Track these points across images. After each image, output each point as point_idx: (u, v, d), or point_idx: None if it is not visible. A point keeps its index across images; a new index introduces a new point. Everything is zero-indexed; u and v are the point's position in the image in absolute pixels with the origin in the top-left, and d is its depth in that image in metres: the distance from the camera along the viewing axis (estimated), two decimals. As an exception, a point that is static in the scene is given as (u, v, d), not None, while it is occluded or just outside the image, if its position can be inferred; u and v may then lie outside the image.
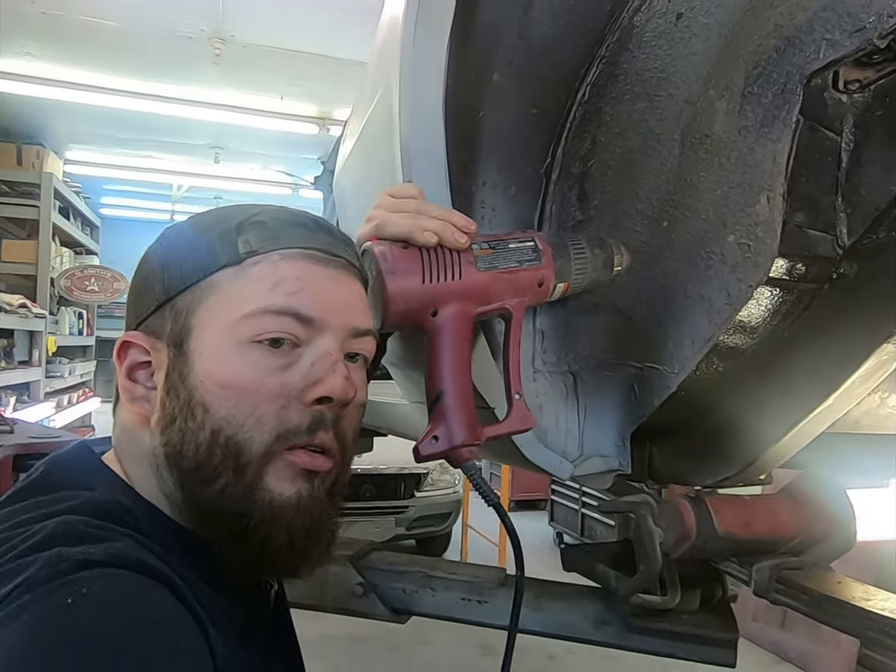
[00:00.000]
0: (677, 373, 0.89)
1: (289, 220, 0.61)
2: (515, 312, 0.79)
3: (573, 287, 0.84)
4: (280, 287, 0.57)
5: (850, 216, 0.78)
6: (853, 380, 0.81)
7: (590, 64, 0.88)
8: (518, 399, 0.78)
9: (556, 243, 0.83)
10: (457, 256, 0.74)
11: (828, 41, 0.69)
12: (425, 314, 0.74)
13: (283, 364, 0.57)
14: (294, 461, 0.56)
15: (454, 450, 0.71)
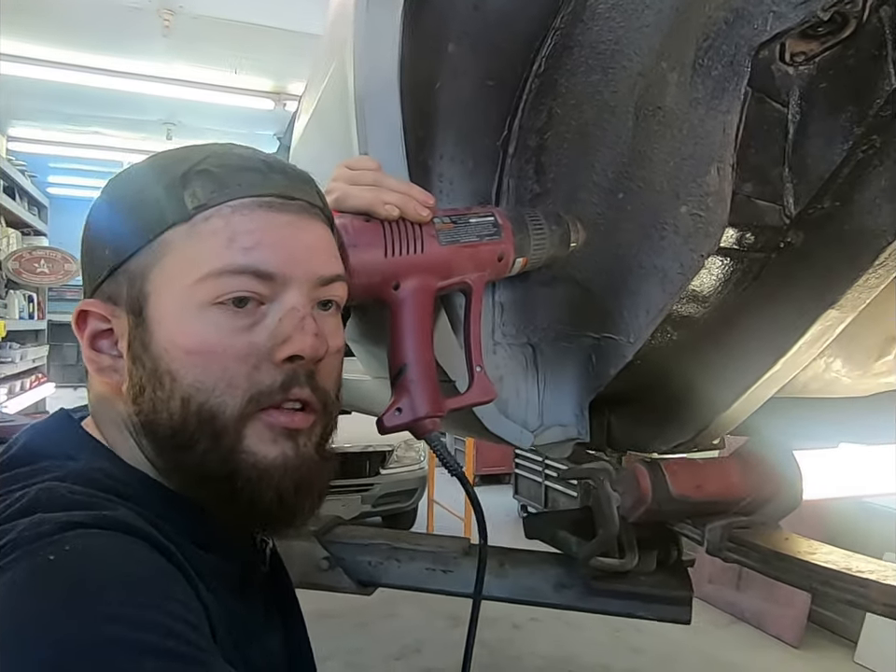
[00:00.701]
0: (632, 343, 0.91)
1: (238, 165, 0.57)
2: (475, 286, 0.80)
3: (532, 263, 0.85)
4: (235, 244, 0.54)
5: (797, 186, 0.80)
6: (800, 345, 0.84)
7: (545, 36, 0.88)
8: (479, 372, 0.79)
9: (515, 218, 0.84)
10: (419, 229, 0.74)
11: (774, 13, 0.70)
12: (387, 287, 0.74)
13: (248, 324, 0.55)
14: (272, 422, 0.55)
15: (417, 421, 0.72)
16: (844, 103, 0.74)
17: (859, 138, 0.73)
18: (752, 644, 3.79)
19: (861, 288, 0.77)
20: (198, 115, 6.74)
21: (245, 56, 5.36)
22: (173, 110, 6.65)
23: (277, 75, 5.78)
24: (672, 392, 1.02)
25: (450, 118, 0.88)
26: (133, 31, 4.94)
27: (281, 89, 6.03)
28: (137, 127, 7.21)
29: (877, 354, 0.99)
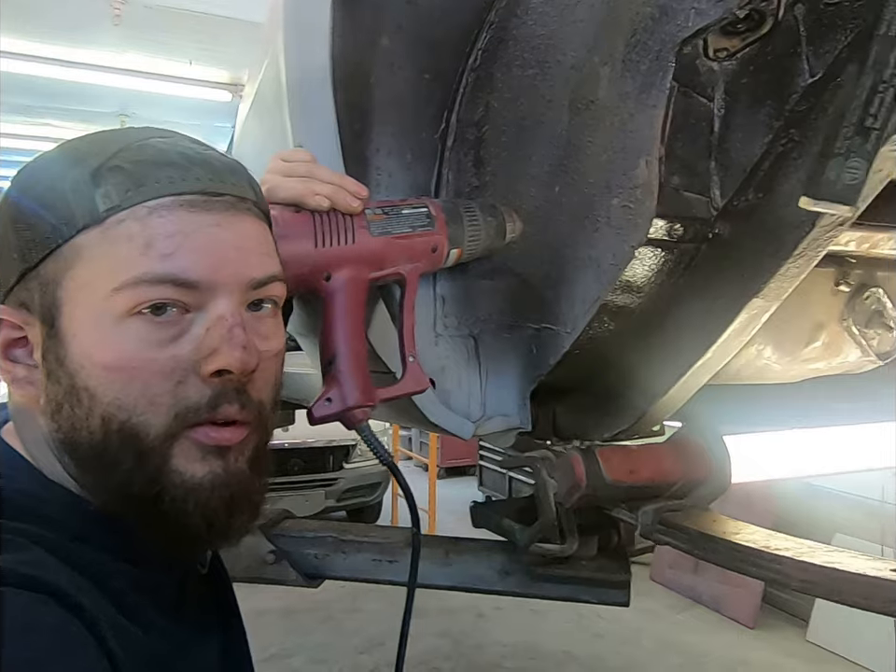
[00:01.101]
0: (570, 333, 0.93)
1: (155, 160, 0.51)
2: (409, 277, 0.81)
3: (467, 254, 0.86)
4: (152, 249, 0.49)
5: (723, 178, 0.83)
6: (729, 333, 0.87)
7: (480, 30, 0.89)
8: (412, 362, 0.80)
9: (449, 209, 0.84)
10: (350, 221, 0.75)
11: (696, 10, 0.72)
12: (318, 278, 0.74)
13: (172, 335, 0.50)
14: (200, 439, 0.51)
15: (347, 411, 0.72)
16: (764, 97, 0.76)
17: (778, 132, 0.75)
18: (710, 626, 3.90)
19: (783, 278, 0.79)
20: (153, 106, 6.61)
21: (200, 47, 5.28)
22: (127, 101, 6.51)
23: (234, 66, 5.69)
24: (611, 380, 1.05)
25: (386, 111, 0.88)
26: (83, 19, 4.81)
27: (238, 80, 5.95)
28: (91, 119, 7.04)
29: (806, 341, 1.02)
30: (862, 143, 0.40)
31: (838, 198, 0.41)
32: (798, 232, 0.75)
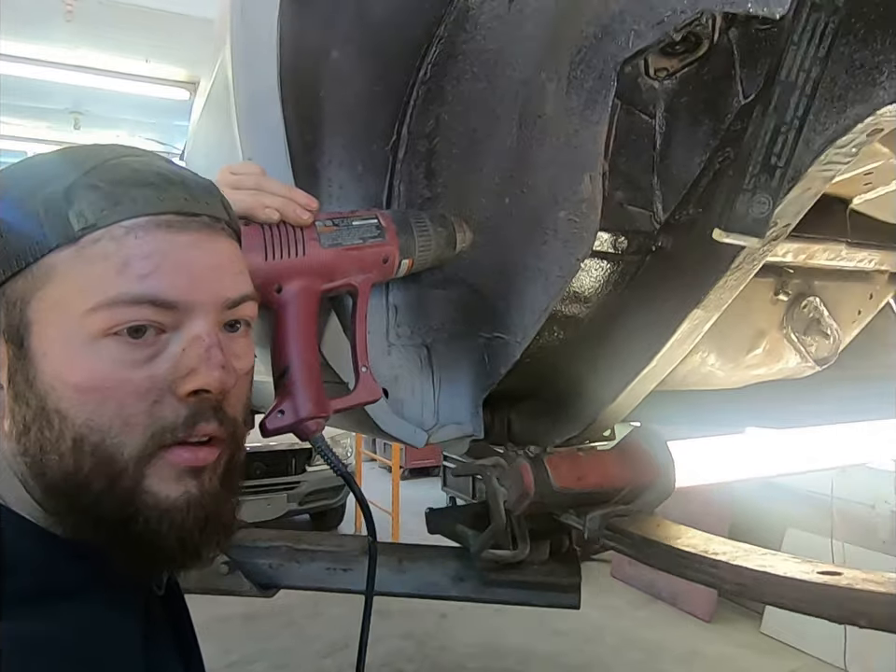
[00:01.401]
0: (520, 342, 0.94)
1: (131, 179, 0.51)
2: (361, 288, 0.81)
3: (418, 264, 0.87)
4: (129, 270, 0.48)
5: (664, 193, 0.85)
6: (672, 342, 0.89)
7: (430, 44, 0.90)
8: (365, 372, 0.81)
9: (400, 220, 0.85)
10: (300, 233, 0.75)
11: (635, 31, 0.74)
12: (269, 290, 0.74)
13: (148, 355, 0.50)
14: (175, 460, 0.51)
15: (300, 423, 0.73)
16: (702, 116, 0.79)
17: (715, 149, 0.78)
18: (668, 621, 3.98)
19: (723, 289, 0.82)
20: (108, 104, 6.46)
21: (156, 44, 5.17)
22: (79, 98, 6.35)
23: (191, 64, 5.59)
24: (562, 388, 1.07)
25: (337, 123, 0.89)
26: (35, 15, 4.68)
27: (196, 78, 5.84)
28: (42, 116, 6.85)
29: (748, 348, 1.06)
30: (768, 180, 0.42)
31: (748, 230, 0.43)
32: (735, 247, 0.78)
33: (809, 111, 0.42)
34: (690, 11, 0.67)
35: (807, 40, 0.40)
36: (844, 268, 1.06)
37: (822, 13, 0.41)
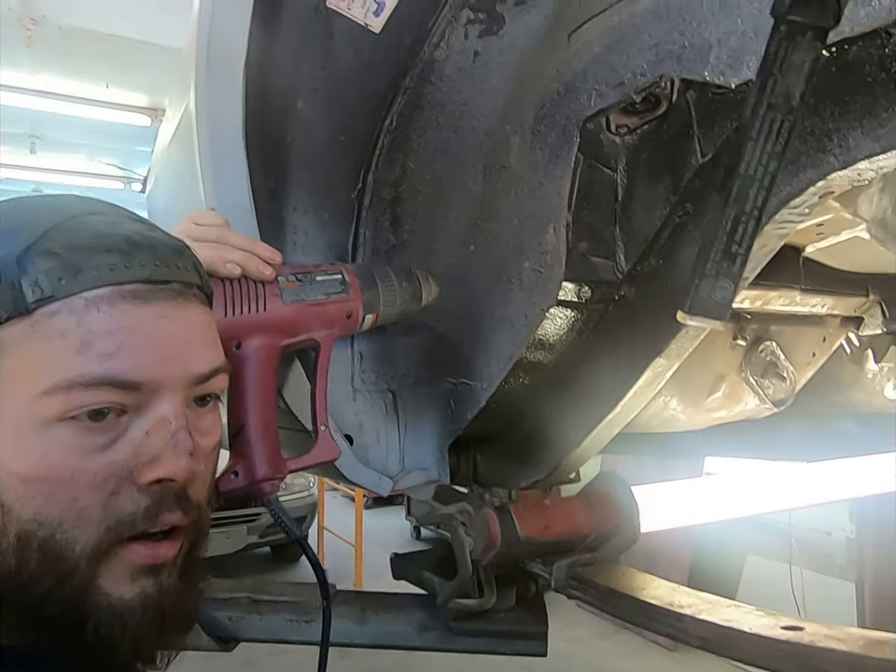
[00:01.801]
0: (485, 389, 0.95)
1: (93, 244, 0.46)
2: (324, 344, 0.80)
3: (382, 318, 0.87)
4: (91, 348, 0.44)
5: (627, 244, 0.87)
6: (635, 390, 0.90)
7: (395, 95, 0.91)
8: (324, 431, 0.79)
9: (364, 275, 0.85)
10: (262, 288, 0.74)
11: (596, 91, 0.76)
12: (227, 346, 0.72)
13: (106, 440, 0.45)
14: (132, 558, 0.46)
15: (254, 485, 0.71)
16: (662, 172, 0.81)
17: (675, 205, 0.80)
18: (634, 651, 3.97)
19: (683, 339, 0.84)
20: (66, 128, 6.35)
21: (117, 70, 5.12)
22: (37, 122, 6.24)
23: (153, 90, 5.55)
24: (527, 432, 1.07)
25: (302, 171, 0.89)
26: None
27: (158, 104, 5.80)
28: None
29: (708, 392, 1.08)
30: (730, 266, 0.43)
31: (710, 314, 0.44)
32: (695, 299, 0.80)
33: (767, 202, 0.43)
34: (650, 75, 0.69)
35: (765, 137, 0.42)
36: (798, 313, 1.09)
37: (778, 112, 0.42)
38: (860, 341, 1.22)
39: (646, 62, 0.69)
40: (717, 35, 0.62)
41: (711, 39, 0.62)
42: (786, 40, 0.42)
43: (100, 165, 7.42)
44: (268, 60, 0.78)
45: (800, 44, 0.41)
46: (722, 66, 0.61)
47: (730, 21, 0.61)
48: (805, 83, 0.42)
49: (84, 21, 4.42)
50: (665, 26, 0.67)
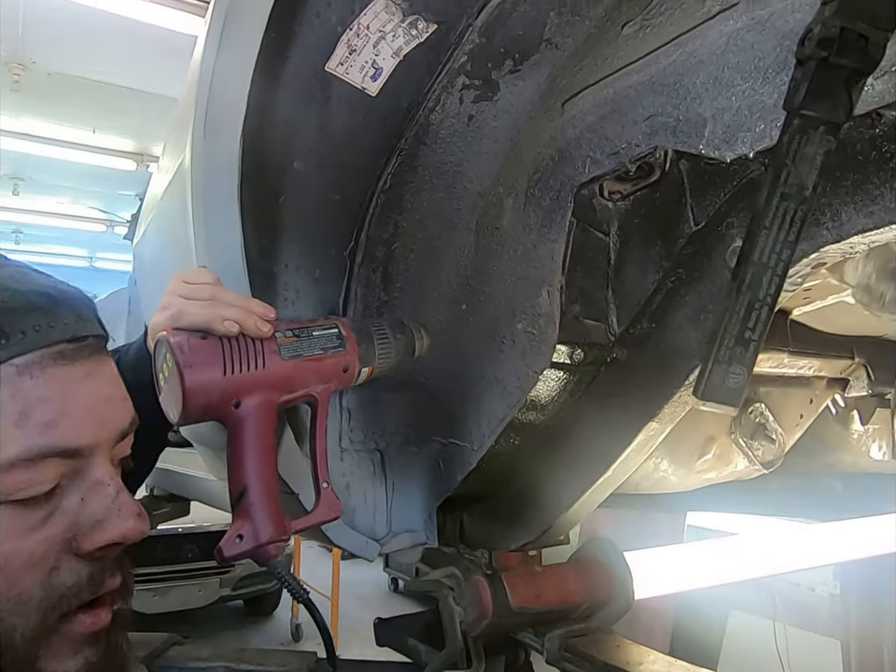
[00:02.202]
0: (476, 451, 0.93)
1: (19, 303, 0.44)
2: (321, 398, 0.79)
3: (377, 371, 0.86)
4: (29, 419, 0.41)
5: (619, 307, 0.87)
6: (627, 453, 0.89)
7: (390, 156, 0.91)
8: (326, 488, 0.77)
9: (360, 329, 0.84)
10: (260, 345, 0.73)
11: (591, 158, 0.77)
12: (226, 406, 0.71)
13: (42, 515, 0.42)
14: (74, 631, 0.44)
15: (259, 548, 0.69)
16: (654, 238, 0.82)
17: (667, 270, 0.81)
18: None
19: (676, 404, 0.83)
20: (51, 171, 6.36)
21: (104, 116, 5.17)
22: (21, 164, 6.24)
23: (140, 136, 5.60)
24: (517, 493, 1.05)
25: (295, 228, 0.88)
26: (-21, 82, 4.63)
27: (144, 150, 5.84)
28: (-21, 180, 6.69)
29: (698, 454, 1.07)
30: (742, 352, 0.43)
31: (723, 400, 0.44)
32: (688, 364, 0.80)
33: (781, 289, 0.44)
34: (644, 146, 0.70)
35: (778, 226, 0.42)
36: (786, 374, 1.10)
37: (791, 202, 0.43)
38: (845, 402, 1.23)
39: (641, 133, 0.70)
40: (711, 111, 0.63)
41: (706, 114, 0.64)
42: (799, 133, 0.43)
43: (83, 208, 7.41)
44: (266, 120, 0.78)
45: (813, 137, 0.42)
46: (717, 141, 0.62)
47: (724, 97, 0.63)
48: (817, 174, 0.43)
49: (74, 67, 4.47)
50: (659, 99, 0.68)
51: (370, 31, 0.78)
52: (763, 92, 0.59)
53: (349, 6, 0.74)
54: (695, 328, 0.79)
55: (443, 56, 0.83)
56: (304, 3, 0.71)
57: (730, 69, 0.62)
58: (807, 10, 0.57)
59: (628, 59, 0.72)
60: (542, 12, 0.78)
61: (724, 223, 0.75)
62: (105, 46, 4.16)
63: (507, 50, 0.83)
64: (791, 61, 0.58)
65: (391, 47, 0.80)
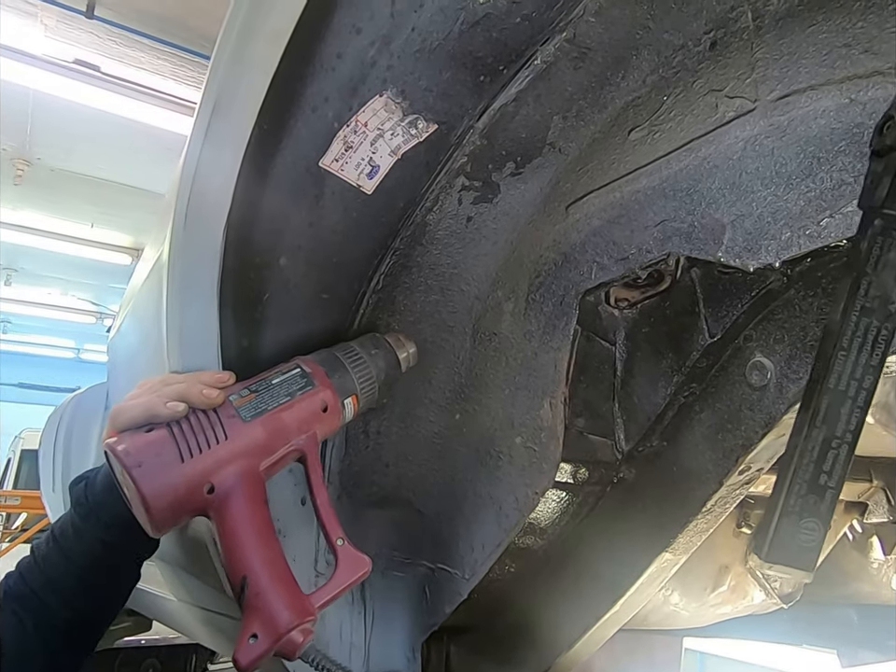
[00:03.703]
0: (468, 579, 0.83)
1: None
2: (308, 450, 0.69)
3: (365, 398, 0.76)
4: None
5: (627, 422, 0.80)
6: (637, 586, 0.80)
7: (383, 255, 0.86)
8: (342, 546, 0.66)
9: (326, 359, 0.75)
10: (215, 415, 0.64)
11: (598, 264, 0.72)
12: (198, 495, 0.61)
13: None
14: None
15: (281, 640, 0.58)
16: (665, 349, 0.76)
17: (680, 384, 0.74)
18: None
19: (692, 532, 0.75)
20: (44, 262, 6.40)
21: (103, 211, 5.25)
22: (15, 255, 6.28)
23: (137, 231, 5.68)
24: (512, 626, 0.94)
25: (279, 329, 0.82)
26: (-20, 176, 4.71)
27: (140, 245, 5.90)
28: (-28, 269, 6.70)
29: (712, 585, 0.97)
30: (817, 502, 0.36)
31: (793, 561, 0.36)
32: (706, 489, 0.72)
33: (863, 423, 0.37)
34: (657, 252, 0.66)
35: (858, 347, 0.37)
36: (802, 497, 1.02)
37: (874, 318, 0.37)
38: (864, 528, 1.14)
39: (652, 238, 0.66)
40: (730, 217, 0.59)
41: (724, 220, 0.60)
42: (882, 236, 0.37)
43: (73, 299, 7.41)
44: (253, 214, 0.74)
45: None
46: (738, 249, 0.57)
47: (743, 203, 0.59)
48: (905, 284, 0.37)
49: (77, 165, 4.58)
50: (671, 204, 0.65)
51: (367, 128, 0.75)
52: (787, 199, 0.55)
53: (347, 102, 0.71)
54: (712, 447, 0.72)
55: (443, 156, 0.80)
56: (300, 97, 0.68)
57: (748, 175, 0.59)
58: (832, 116, 0.54)
59: (637, 163, 0.69)
60: (546, 116, 0.76)
61: (742, 335, 0.69)
62: (110, 145, 4.27)
63: (509, 153, 0.80)
64: (816, 168, 0.54)
65: (389, 145, 0.77)
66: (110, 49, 3.54)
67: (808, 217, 0.53)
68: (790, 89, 0.57)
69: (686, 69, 0.66)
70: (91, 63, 3.65)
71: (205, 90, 0.62)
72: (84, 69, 3.63)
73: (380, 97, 0.71)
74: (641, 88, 0.69)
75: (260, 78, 0.61)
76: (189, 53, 3.53)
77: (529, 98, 0.73)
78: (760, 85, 0.59)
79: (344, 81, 0.69)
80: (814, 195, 0.53)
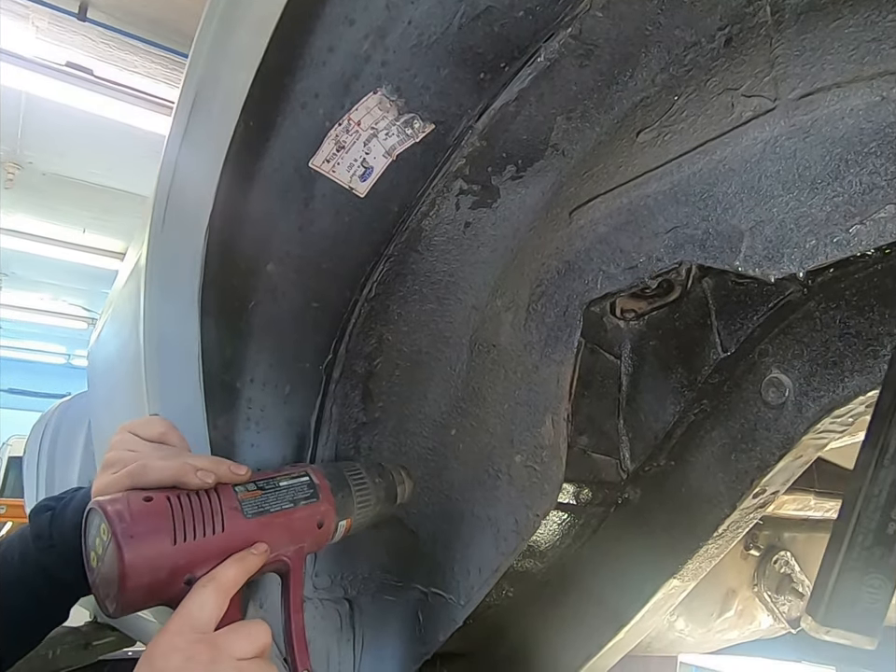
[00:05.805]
0: (463, 606, 0.78)
1: None
2: (293, 563, 0.64)
3: (356, 525, 0.73)
4: None
5: (632, 440, 0.76)
6: (643, 614, 0.76)
7: (376, 262, 0.82)
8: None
9: (333, 475, 0.72)
10: (217, 502, 0.60)
11: (604, 272, 0.68)
12: (175, 584, 0.56)
13: None
14: None
15: None
16: (674, 363, 0.72)
17: (690, 401, 0.70)
18: None
19: (702, 558, 0.71)
20: (36, 267, 6.33)
21: (95, 216, 5.20)
22: (6, 260, 6.21)
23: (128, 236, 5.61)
24: (509, 653, 0.89)
25: (265, 339, 0.78)
26: (-29, 179, 4.65)
27: (132, 250, 5.85)
28: (-38, 273, 6.63)
29: (719, 610, 0.93)
30: (885, 555, 0.31)
31: (855, 626, 0.32)
32: (717, 513, 0.68)
33: None
34: (668, 260, 0.62)
35: None
36: (812, 518, 0.98)
37: None
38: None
39: (663, 246, 0.62)
40: (748, 224, 0.55)
41: (742, 227, 0.55)
42: None
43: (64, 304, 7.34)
44: (237, 218, 0.69)
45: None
46: (758, 258, 0.53)
47: (762, 209, 0.55)
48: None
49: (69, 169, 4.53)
50: (684, 210, 0.61)
51: (361, 127, 0.70)
52: (811, 204, 0.51)
53: (339, 99, 0.67)
54: (724, 469, 0.68)
55: (440, 158, 0.76)
56: (288, 92, 0.64)
57: (768, 178, 0.55)
58: (861, 115, 0.50)
59: (646, 166, 0.65)
60: (549, 117, 0.72)
61: (757, 350, 0.65)
62: (102, 149, 4.22)
63: (509, 155, 0.76)
64: (843, 170, 0.50)
65: (383, 145, 0.73)
66: (103, 52, 3.50)
67: (836, 224, 0.49)
68: (813, 86, 0.53)
69: (699, 67, 0.62)
70: (83, 66, 3.61)
71: (184, 82, 0.58)
72: (76, 72, 3.59)
73: (374, 94, 0.67)
74: (651, 87, 0.65)
75: (244, 71, 0.57)
76: (182, 57, 3.49)
77: (532, 97, 0.69)
78: (780, 83, 0.55)
79: (336, 76, 0.65)
80: (842, 200, 0.49)
